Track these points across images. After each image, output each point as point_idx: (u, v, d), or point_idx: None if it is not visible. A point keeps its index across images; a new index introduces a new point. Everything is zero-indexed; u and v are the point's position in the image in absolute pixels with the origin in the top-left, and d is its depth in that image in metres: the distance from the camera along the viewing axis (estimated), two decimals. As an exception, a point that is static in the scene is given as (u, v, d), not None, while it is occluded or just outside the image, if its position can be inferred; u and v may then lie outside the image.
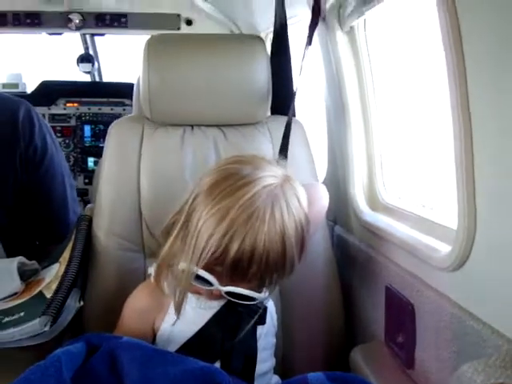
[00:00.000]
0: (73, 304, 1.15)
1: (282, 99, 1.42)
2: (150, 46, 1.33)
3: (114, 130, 1.38)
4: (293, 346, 1.31)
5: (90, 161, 3.01)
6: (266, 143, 1.36)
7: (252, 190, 0.91)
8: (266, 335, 1.13)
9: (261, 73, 1.33)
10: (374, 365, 1.17)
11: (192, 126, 1.37)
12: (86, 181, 2.99)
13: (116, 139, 1.36)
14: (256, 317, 1.05)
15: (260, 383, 1.10)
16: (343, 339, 1.36)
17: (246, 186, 0.92)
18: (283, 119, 1.36)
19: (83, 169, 3.02)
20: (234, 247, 0.89)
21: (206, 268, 0.93)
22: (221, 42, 1.41)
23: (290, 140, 1.32)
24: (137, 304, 1.10)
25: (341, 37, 1.44)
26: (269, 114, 1.43)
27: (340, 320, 1.36)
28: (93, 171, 2.95)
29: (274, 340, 1.17)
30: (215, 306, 1.06)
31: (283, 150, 1.29)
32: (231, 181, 0.93)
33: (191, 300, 1.04)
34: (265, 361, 1.12)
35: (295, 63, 1.53)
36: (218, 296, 1.01)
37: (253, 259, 0.90)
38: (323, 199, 1.16)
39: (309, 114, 1.78)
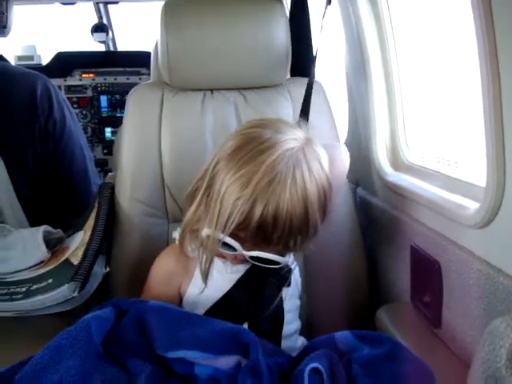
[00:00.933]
0: (99, 270, 1.16)
1: (302, 61, 1.41)
2: (168, 9, 1.31)
3: (133, 97, 1.37)
4: (317, 307, 1.32)
5: (108, 131, 3.01)
6: (286, 105, 1.35)
7: (274, 154, 0.90)
8: (291, 297, 1.13)
9: (280, 34, 1.31)
10: (400, 325, 1.16)
11: (212, 90, 1.36)
12: (105, 151, 3.00)
13: (136, 106, 1.35)
14: (286, 282, 1.06)
15: (286, 344, 1.11)
16: (368, 300, 1.36)
17: (268, 150, 0.91)
18: (303, 81, 1.35)
19: (101, 139, 3.02)
20: (257, 212, 0.89)
21: (230, 233, 0.93)
22: (239, 3, 1.37)
23: (311, 103, 1.30)
24: (162, 268, 1.11)
25: (360, -6, 1.41)
26: (289, 76, 1.41)
27: (364, 281, 1.36)
28: (110, 141, 2.95)
29: (299, 302, 1.18)
30: (241, 269, 1.07)
31: (304, 112, 1.27)
32: (253, 145, 0.92)
33: (217, 264, 1.04)
34: (290, 322, 1.12)
35: (314, 24, 1.51)
36: (241, 260, 1.02)
37: (276, 224, 0.90)
38: (344, 160, 1.15)
39: (329, 76, 1.75)
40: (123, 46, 3.43)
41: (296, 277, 1.15)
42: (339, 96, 1.65)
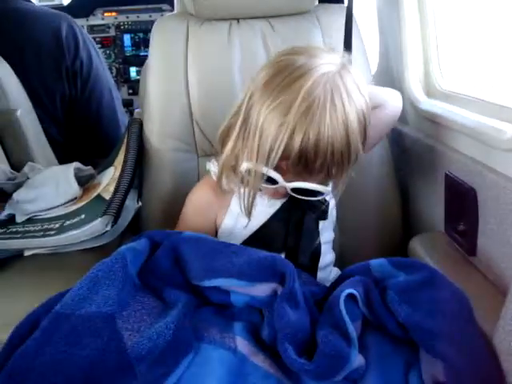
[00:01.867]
0: (131, 204, 1.17)
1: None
2: None
3: (157, 30, 1.34)
4: (350, 239, 1.32)
5: (132, 70, 2.98)
6: (315, 33, 1.31)
7: (309, 80, 0.88)
8: (327, 229, 1.13)
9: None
10: (434, 253, 1.15)
11: (238, 20, 1.32)
12: (130, 91, 2.97)
13: (160, 39, 1.33)
14: (324, 215, 1.07)
15: (321, 275, 1.11)
16: (401, 231, 1.35)
17: (304, 76, 0.88)
18: (333, 7, 1.31)
19: (126, 79, 2.99)
20: (298, 140, 0.87)
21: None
22: None
23: (341, 29, 1.26)
24: (198, 200, 1.11)
25: None
26: (317, 2, 1.37)
27: (397, 212, 1.35)
28: (136, 81, 2.93)
29: (333, 234, 1.17)
30: (277, 203, 1.06)
31: (346, 42, 1.23)
32: (286, 73, 0.90)
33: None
34: (325, 254, 1.12)
35: None
36: (282, 194, 1.01)
37: (318, 150, 0.88)
38: (398, 102, 1.12)
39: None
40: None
41: (332, 210, 1.14)
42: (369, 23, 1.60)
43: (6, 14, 1.65)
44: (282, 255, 1.05)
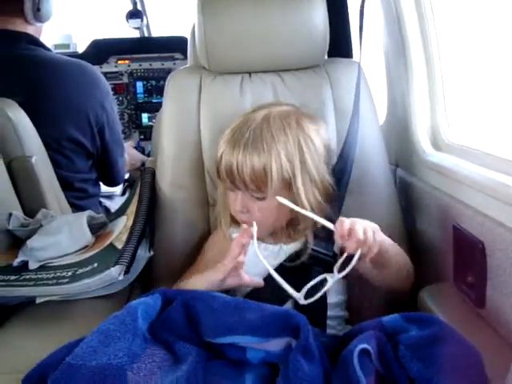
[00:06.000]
0: (143, 254, 1.18)
1: (340, 41, 1.40)
2: (204, -8, 1.31)
3: (171, 83, 1.38)
4: (357, 290, 1.31)
5: (144, 117, 3.03)
6: (324, 86, 1.34)
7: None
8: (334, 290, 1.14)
9: (318, 15, 1.31)
10: (443, 305, 1.15)
11: (250, 73, 1.36)
12: (142, 137, 3.02)
13: (174, 91, 1.37)
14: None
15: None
16: (410, 281, 1.35)
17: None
18: (341, 61, 1.35)
19: (138, 125, 3.04)
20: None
21: None
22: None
23: (350, 84, 1.31)
24: (217, 242, 1.18)
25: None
26: (326, 57, 1.40)
27: (406, 262, 1.35)
28: (147, 127, 2.98)
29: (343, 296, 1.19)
30: (282, 254, 1.11)
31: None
32: None
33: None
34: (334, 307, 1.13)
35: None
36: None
37: None
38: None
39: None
40: (157, 32, 3.43)
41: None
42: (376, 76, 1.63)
43: (27, 61, 1.68)
44: (289, 303, 1.07)
